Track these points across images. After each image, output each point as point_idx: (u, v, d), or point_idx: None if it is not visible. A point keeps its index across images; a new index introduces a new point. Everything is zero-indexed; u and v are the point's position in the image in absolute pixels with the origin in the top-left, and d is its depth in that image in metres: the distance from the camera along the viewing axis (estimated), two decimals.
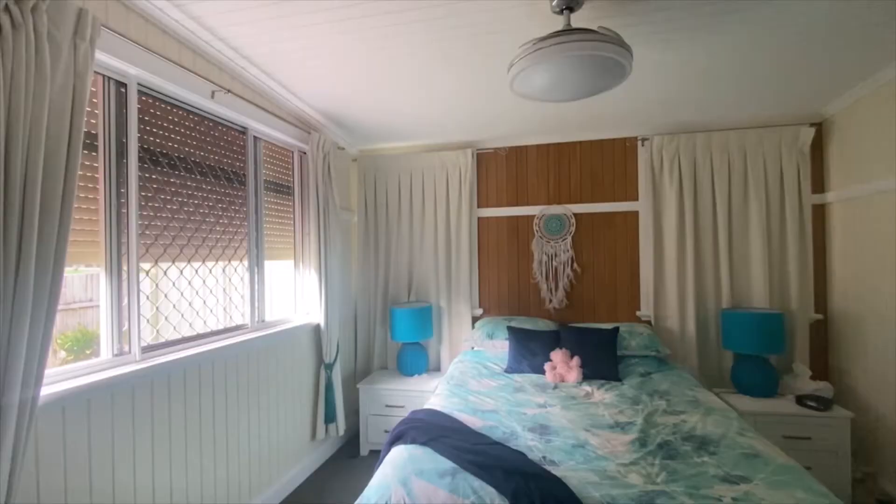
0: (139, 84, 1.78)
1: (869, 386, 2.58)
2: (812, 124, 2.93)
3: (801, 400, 2.55)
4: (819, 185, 2.98)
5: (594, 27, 1.57)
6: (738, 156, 3.02)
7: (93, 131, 1.63)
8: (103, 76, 1.66)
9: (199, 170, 2.12)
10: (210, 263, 2.20)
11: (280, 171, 2.78)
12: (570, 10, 1.64)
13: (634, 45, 1.93)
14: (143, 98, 1.82)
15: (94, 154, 1.64)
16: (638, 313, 3.24)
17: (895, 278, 2.34)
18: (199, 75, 2.00)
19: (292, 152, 2.88)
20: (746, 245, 3.03)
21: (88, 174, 1.62)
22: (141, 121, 1.80)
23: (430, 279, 3.54)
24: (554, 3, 1.64)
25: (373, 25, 1.84)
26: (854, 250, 2.70)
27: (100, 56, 1.56)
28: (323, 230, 2.85)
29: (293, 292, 2.91)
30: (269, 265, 2.62)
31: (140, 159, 1.80)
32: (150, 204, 1.86)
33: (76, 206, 1.49)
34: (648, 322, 3.19)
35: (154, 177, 1.88)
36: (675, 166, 3.10)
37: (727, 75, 2.36)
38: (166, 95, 1.93)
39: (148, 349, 1.82)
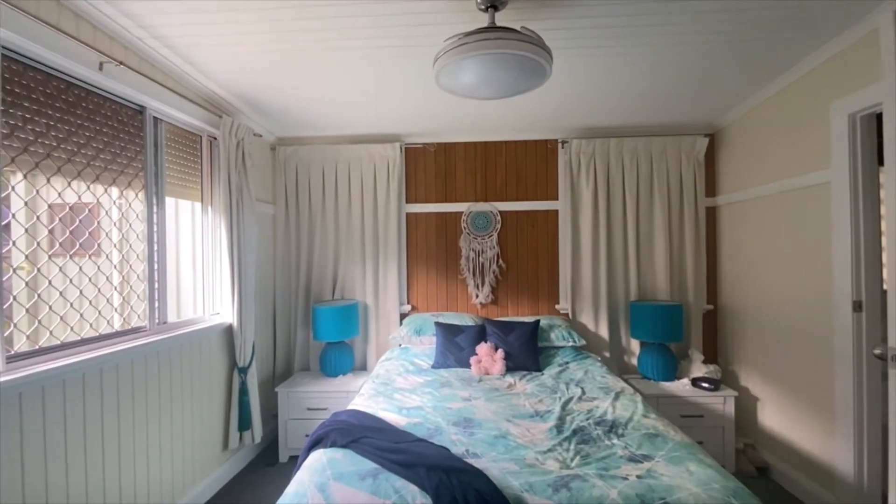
0: (5, 48, 1.51)
1: (748, 368, 2.93)
2: (706, 135, 3.27)
3: (695, 382, 2.84)
4: (712, 189, 3.33)
5: (517, 27, 1.60)
6: (645, 161, 3.28)
7: None
8: None
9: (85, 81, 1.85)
10: (98, 189, 1.94)
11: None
12: (495, 8, 1.66)
13: (554, 49, 2.01)
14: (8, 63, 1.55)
15: None
16: (557, 307, 3.41)
17: (766, 275, 2.69)
18: (83, 43, 1.74)
19: (200, 137, 2.63)
20: (652, 242, 3.30)
21: None
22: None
23: (357, 276, 3.44)
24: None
25: (295, 4, 1.73)
26: (735, 249, 3.06)
27: None
28: (236, 224, 2.64)
29: (200, 287, 2.67)
30: (170, 202, 2.39)
31: (3, 57, 1.52)
32: (16, 102, 1.58)
33: None
34: (566, 315, 3.37)
35: (23, 81, 1.61)
36: (591, 169, 3.29)
37: (637, 85, 2.55)
38: (42, 63, 1.66)
39: (16, 358, 1.56)
